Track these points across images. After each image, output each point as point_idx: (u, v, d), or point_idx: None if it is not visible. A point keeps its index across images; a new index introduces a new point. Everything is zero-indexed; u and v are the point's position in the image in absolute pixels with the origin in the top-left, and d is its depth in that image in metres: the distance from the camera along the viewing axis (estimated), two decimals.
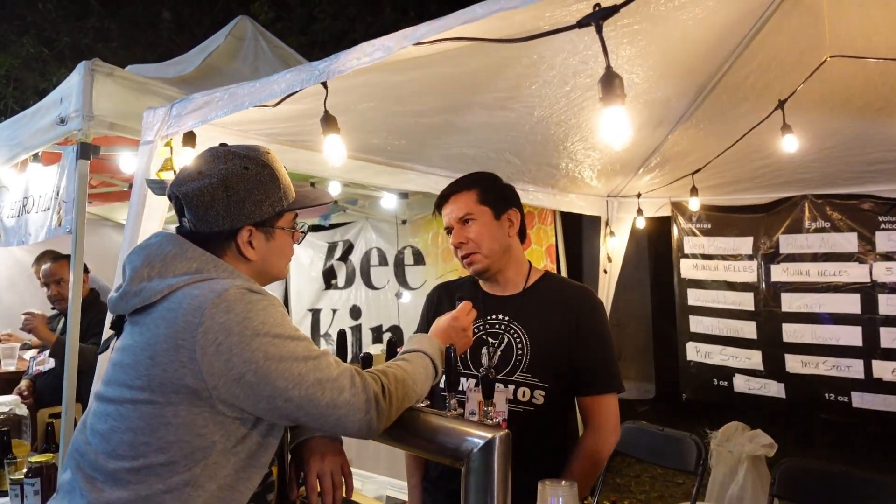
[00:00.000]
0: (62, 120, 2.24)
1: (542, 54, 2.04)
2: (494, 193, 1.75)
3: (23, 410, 2.65)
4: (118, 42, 8.41)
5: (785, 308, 3.78)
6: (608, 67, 1.06)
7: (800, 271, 3.73)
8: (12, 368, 3.44)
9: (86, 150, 2.20)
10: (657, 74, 2.32)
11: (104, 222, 5.08)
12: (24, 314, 3.29)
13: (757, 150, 3.04)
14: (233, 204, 1.17)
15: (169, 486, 1.03)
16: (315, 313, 5.56)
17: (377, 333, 5.26)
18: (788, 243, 3.77)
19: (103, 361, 1.88)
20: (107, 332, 1.23)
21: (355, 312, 5.39)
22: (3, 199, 3.11)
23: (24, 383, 3.24)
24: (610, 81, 1.05)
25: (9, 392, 3.00)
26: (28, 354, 3.60)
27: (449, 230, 1.76)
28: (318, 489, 1.23)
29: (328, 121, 1.62)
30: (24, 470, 2.21)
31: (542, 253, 4.41)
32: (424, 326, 1.78)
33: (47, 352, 3.25)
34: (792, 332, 3.74)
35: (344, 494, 1.25)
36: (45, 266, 3.40)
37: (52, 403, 2.53)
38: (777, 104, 2.44)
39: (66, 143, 2.39)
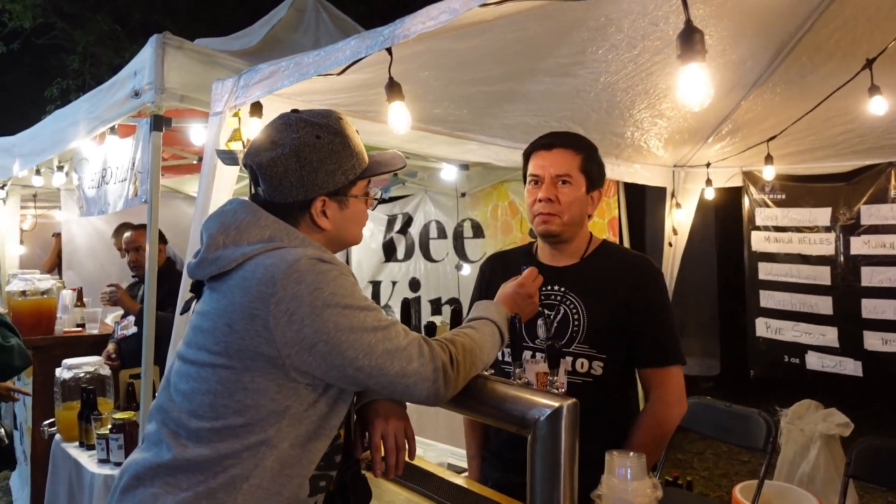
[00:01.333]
0: (136, 93, 2.31)
1: (609, 16, 1.96)
2: (595, 167, 1.70)
3: (106, 371, 2.82)
4: (185, 17, 8.64)
5: (865, 282, 3.58)
6: (688, 21, 1.00)
7: (883, 244, 3.51)
8: (95, 332, 3.64)
9: (158, 122, 2.27)
10: (732, 35, 2.20)
11: (175, 194, 5.28)
12: (108, 286, 3.49)
13: (839, 114, 2.85)
14: (306, 174, 1.17)
15: (245, 445, 1.08)
16: (375, 285, 5.65)
17: (436, 306, 5.31)
18: (871, 214, 3.54)
19: (183, 322, 1.96)
20: (186, 293, 1.28)
21: (414, 285, 5.44)
22: (84, 171, 3.26)
23: (111, 346, 3.44)
24: (690, 37, 0.99)
25: (96, 353, 3.18)
26: (109, 319, 3.82)
27: (536, 179, 1.67)
28: (382, 450, 1.26)
29: (393, 87, 1.60)
30: (109, 426, 2.35)
31: (605, 225, 4.32)
32: (478, 298, 1.77)
33: (130, 317, 3.44)
34: (872, 308, 3.54)
35: (406, 457, 1.28)
36: (127, 234, 3.61)
37: (135, 365, 2.67)
38: (864, 63, 2.28)
39: (139, 115, 2.48)
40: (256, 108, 1.99)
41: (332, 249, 1.24)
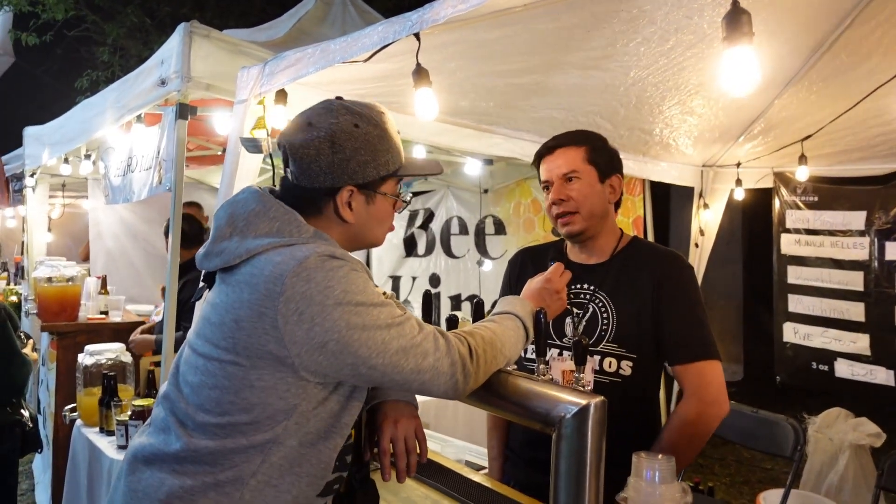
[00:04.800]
0: (163, 81, 2.31)
1: (642, 8, 1.91)
2: (603, 155, 1.66)
3: (127, 358, 2.83)
4: (213, 11, 8.70)
5: None
6: (735, 2, 0.96)
7: None
8: (118, 319, 3.67)
9: (184, 111, 2.26)
10: (767, 30, 2.12)
11: (199, 185, 5.33)
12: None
13: (878, 114, 2.76)
14: (337, 161, 1.13)
15: (252, 442, 1.07)
16: (395, 280, 5.64)
17: (456, 302, 5.28)
18: None
19: (198, 309, 1.95)
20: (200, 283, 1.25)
21: (434, 280, 5.42)
22: (111, 160, 3.29)
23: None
24: (736, 18, 0.95)
25: (119, 341, 3.19)
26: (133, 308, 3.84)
27: (547, 186, 1.66)
28: (392, 452, 1.23)
29: (420, 73, 1.57)
30: (129, 412, 2.36)
31: (630, 225, 4.25)
32: (507, 292, 1.73)
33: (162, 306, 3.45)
34: None
35: (418, 459, 1.24)
36: None
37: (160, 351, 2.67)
38: None
39: (165, 104, 2.48)
40: (281, 96, 1.98)
41: (350, 247, 1.20)
